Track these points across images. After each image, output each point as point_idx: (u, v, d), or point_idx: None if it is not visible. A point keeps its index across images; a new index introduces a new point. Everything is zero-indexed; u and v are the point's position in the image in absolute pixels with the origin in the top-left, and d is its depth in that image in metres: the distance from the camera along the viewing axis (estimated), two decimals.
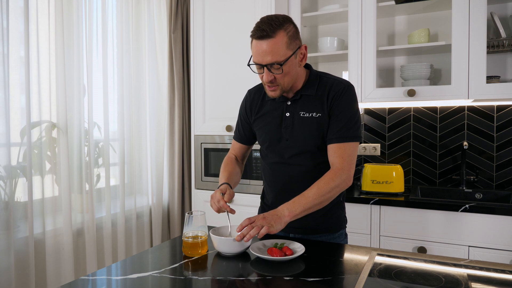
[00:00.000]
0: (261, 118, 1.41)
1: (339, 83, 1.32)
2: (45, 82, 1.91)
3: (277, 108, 1.37)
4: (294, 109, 1.34)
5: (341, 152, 1.26)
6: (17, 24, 1.81)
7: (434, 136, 2.39)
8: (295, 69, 1.26)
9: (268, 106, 1.40)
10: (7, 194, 1.69)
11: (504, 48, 2.09)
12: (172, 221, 2.69)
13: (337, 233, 1.41)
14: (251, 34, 1.23)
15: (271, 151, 1.40)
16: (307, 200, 1.20)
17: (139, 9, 2.46)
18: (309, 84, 1.33)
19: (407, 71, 2.23)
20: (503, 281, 0.98)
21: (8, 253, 1.68)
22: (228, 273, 1.05)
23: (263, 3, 2.30)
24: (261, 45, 1.19)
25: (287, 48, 1.20)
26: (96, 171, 2.18)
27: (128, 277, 1.02)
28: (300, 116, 1.32)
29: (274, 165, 1.41)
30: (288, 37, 1.20)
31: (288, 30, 1.21)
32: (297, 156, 1.35)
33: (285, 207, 1.19)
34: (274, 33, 1.18)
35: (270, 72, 1.22)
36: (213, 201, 1.29)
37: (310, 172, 1.34)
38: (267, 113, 1.39)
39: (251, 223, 1.14)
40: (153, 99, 2.59)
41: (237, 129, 1.55)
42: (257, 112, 1.43)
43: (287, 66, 1.22)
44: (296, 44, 1.24)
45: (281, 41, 1.19)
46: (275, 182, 1.42)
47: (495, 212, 1.81)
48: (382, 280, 0.99)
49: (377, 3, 2.21)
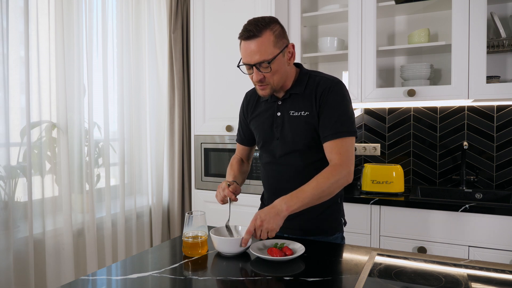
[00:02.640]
0: (255, 118, 1.44)
1: (326, 80, 1.32)
2: (45, 82, 1.91)
3: (269, 108, 1.39)
4: (284, 108, 1.35)
5: (338, 148, 1.25)
6: (17, 24, 1.80)
7: (434, 136, 2.39)
8: (284, 67, 1.28)
9: (262, 107, 1.42)
10: (7, 194, 1.69)
11: (504, 48, 2.09)
12: (172, 221, 2.69)
13: (332, 236, 1.40)
14: (239, 36, 1.25)
15: (265, 151, 1.43)
16: (306, 194, 1.19)
17: (139, 9, 2.46)
18: (297, 83, 1.34)
19: (407, 71, 2.23)
20: (503, 281, 0.98)
21: (7, 253, 1.68)
22: (228, 273, 1.05)
23: (263, 3, 2.30)
24: (249, 45, 1.23)
25: (274, 47, 1.23)
26: (96, 171, 2.18)
27: (128, 277, 1.02)
28: (290, 115, 1.33)
29: (267, 165, 1.44)
30: (274, 36, 1.23)
31: (274, 30, 1.24)
32: (287, 156, 1.35)
33: (283, 201, 1.18)
34: (260, 33, 1.21)
35: (259, 72, 1.25)
36: (219, 191, 1.33)
37: (301, 172, 1.34)
38: (261, 113, 1.42)
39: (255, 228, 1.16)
40: (153, 99, 2.59)
41: (238, 131, 1.59)
42: (252, 112, 1.47)
43: (275, 64, 1.24)
44: (283, 42, 1.26)
45: (268, 40, 1.22)
46: (269, 182, 1.44)
47: (495, 212, 1.81)
48: (382, 280, 0.99)
49: (377, 3, 2.21)
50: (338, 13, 2.37)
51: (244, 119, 1.51)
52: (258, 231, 1.15)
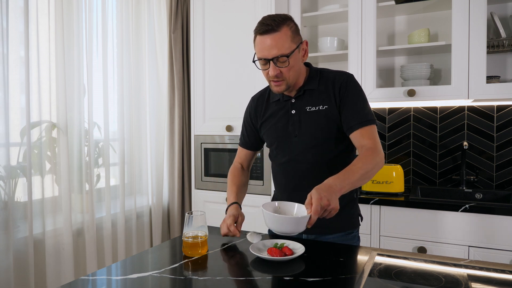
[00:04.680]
0: (267, 120, 1.44)
1: (341, 74, 1.35)
2: (45, 82, 1.91)
3: (282, 107, 1.39)
4: (299, 105, 1.36)
5: (368, 134, 1.26)
6: (17, 24, 1.80)
7: (434, 136, 2.39)
8: (299, 63, 1.30)
9: (274, 107, 1.42)
10: (7, 194, 1.69)
11: (504, 48, 2.09)
12: (172, 221, 2.69)
13: (351, 234, 1.39)
14: (255, 31, 1.25)
15: (280, 151, 1.41)
16: (354, 176, 1.15)
17: (139, 9, 2.46)
18: (310, 80, 1.36)
19: (407, 71, 2.22)
20: (503, 281, 0.98)
21: (7, 253, 1.67)
22: (228, 273, 1.05)
23: (263, 3, 2.30)
24: (265, 40, 1.22)
25: (291, 41, 1.23)
26: (96, 171, 2.18)
27: (128, 277, 1.02)
28: (307, 111, 1.34)
29: (284, 165, 1.42)
30: (291, 32, 1.24)
31: (291, 26, 1.25)
32: (307, 152, 1.35)
33: (337, 181, 1.12)
34: (278, 27, 1.21)
35: (276, 66, 1.24)
36: (224, 225, 1.30)
37: (321, 168, 1.34)
38: (273, 114, 1.42)
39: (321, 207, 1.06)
40: (153, 99, 2.59)
41: (242, 136, 1.57)
42: (262, 115, 1.45)
43: (292, 59, 1.24)
44: (298, 39, 1.28)
45: (286, 35, 1.22)
46: (286, 181, 1.42)
47: (495, 212, 1.81)
48: (382, 280, 0.99)
49: (377, 3, 2.21)
50: (338, 13, 2.37)
51: (251, 123, 1.50)
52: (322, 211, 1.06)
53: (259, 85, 2.33)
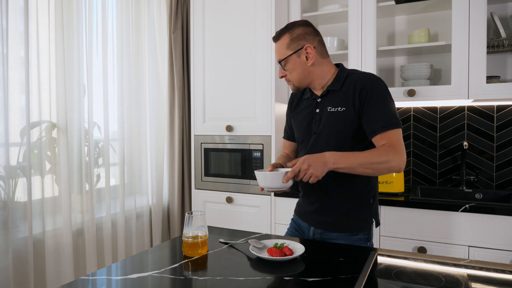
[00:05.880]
0: (297, 115, 1.51)
1: (365, 76, 1.34)
2: (45, 82, 1.91)
3: (310, 105, 1.45)
4: (323, 105, 1.40)
5: (388, 138, 1.25)
6: (17, 24, 1.80)
7: (434, 136, 2.39)
8: (301, 67, 1.37)
9: (304, 104, 1.49)
10: (7, 194, 1.69)
11: (504, 48, 2.09)
12: (172, 221, 2.69)
13: (356, 236, 1.38)
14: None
15: (303, 148, 1.47)
16: (355, 159, 1.21)
17: (139, 9, 2.46)
18: (335, 80, 1.39)
19: (407, 71, 2.22)
20: (503, 281, 0.98)
21: (6, 253, 1.67)
22: (228, 273, 1.05)
23: (263, 3, 2.30)
24: (274, 46, 1.43)
25: (286, 49, 1.36)
26: (96, 171, 2.18)
27: (128, 277, 1.02)
28: (328, 111, 1.38)
29: None
30: (290, 39, 1.35)
31: (293, 33, 1.35)
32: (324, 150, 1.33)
33: (333, 156, 1.20)
34: (280, 36, 1.38)
35: (283, 70, 1.40)
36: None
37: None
38: (302, 110, 1.49)
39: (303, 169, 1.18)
40: (153, 99, 2.59)
41: (285, 129, 1.66)
42: (294, 109, 1.55)
43: (290, 63, 1.37)
44: (298, 44, 1.35)
45: (282, 43, 1.37)
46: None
47: (495, 212, 1.81)
48: (382, 280, 0.99)
49: (377, 3, 2.21)
50: (338, 13, 2.37)
51: (289, 116, 1.59)
52: (302, 174, 1.18)
53: (259, 85, 2.33)
